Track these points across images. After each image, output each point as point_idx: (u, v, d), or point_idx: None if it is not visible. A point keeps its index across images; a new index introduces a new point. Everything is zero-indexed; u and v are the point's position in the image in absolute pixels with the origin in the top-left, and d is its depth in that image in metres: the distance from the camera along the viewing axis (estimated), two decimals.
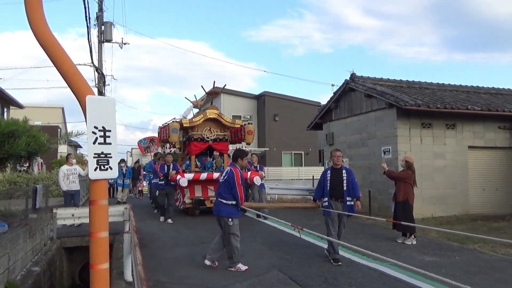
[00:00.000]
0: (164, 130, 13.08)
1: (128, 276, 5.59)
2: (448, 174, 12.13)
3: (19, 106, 20.00)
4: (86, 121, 2.26)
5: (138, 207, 14.38)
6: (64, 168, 9.92)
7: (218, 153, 12.17)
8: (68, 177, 9.80)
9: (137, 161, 24.66)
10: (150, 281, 5.60)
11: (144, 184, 22.11)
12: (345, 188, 6.64)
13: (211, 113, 12.06)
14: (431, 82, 15.20)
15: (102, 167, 2.26)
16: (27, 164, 20.87)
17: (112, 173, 2.29)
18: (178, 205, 12.08)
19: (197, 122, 11.90)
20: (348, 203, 6.61)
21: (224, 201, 5.99)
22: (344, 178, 6.69)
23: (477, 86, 15.90)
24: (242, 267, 6.04)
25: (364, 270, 6.08)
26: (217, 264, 6.28)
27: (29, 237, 6.84)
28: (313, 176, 19.98)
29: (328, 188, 6.69)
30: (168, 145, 14.35)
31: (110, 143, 2.29)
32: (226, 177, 6.09)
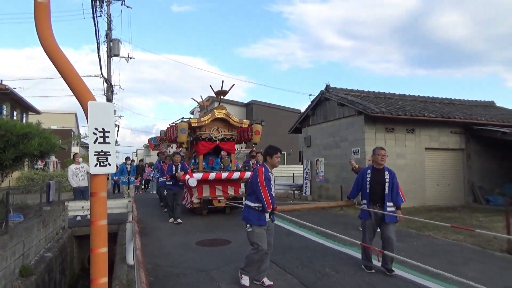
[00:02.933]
0: (171, 130, 11.60)
1: (130, 260, 5.52)
2: (408, 172, 12.26)
3: (36, 112, 19.66)
4: (87, 124, 2.23)
5: (142, 201, 14.25)
6: (72, 167, 9.61)
7: (225, 153, 10.89)
8: (77, 175, 9.48)
9: (142, 160, 24.46)
10: (150, 264, 5.53)
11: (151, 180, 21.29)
12: (386, 191, 5.17)
13: (219, 113, 10.65)
14: (394, 93, 15.36)
15: (102, 164, 2.23)
16: (43, 163, 20.58)
17: (111, 169, 2.26)
18: (186, 204, 10.68)
19: (205, 121, 10.46)
20: (388, 208, 5.11)
21: (248, 203, 4.63)
22: (387, 180, 5.20)
23: (433, 96, 16.12)
24: (245, 280, 4.60)
25: (336, 254, 6.09)
26: (265, 282, 4.63)
27: (43, 227, 6.70)
28: (293, 174, 20.05)
29: (367, 190, 5.30)
30: (174, 145, 12.67)
31: (109, 143, 2.26)
32: (250, 177, 4.81)
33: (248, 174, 10.13)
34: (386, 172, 5.26)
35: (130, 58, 20.85)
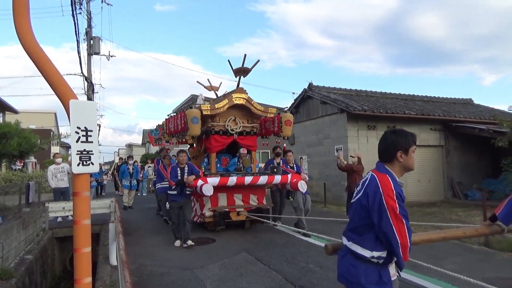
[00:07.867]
0: (175, 120, 8.79)
1: (113, 261, 5.46)
2: None
3: (14, 111, 19.13)
4: (69, 123, 2.21)
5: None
6: (52, 167, 9.35)
7: (245, 151, 8.31)
8: (56, 176, 9.21)
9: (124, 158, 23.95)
10: (135, 264, 5.49)
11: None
12: None
13: (238, 98, 7.99)
14: (376, 91, 15.60)
15: (85, 163, 2.22)
16: (22, 164, 20.05)
17: (93, 168, 2.26)
18: (193, 217, 8.09)
19: (220, 109, 7.84)
20: None
21: (356, 250, 2.15)
22: None
23: (413, 94, 16.44)
24: None
25: (319, 250, 6.16)
26: None
27: (23, 229, 6.56)
28: None
29: None
30: (175, 140, 9.85)
31: (91, 142, 2.25)
32: (360, 193, 2.16)
33: (278, 178, 7.75)
34: None
35: (111, 56, 20.48)
